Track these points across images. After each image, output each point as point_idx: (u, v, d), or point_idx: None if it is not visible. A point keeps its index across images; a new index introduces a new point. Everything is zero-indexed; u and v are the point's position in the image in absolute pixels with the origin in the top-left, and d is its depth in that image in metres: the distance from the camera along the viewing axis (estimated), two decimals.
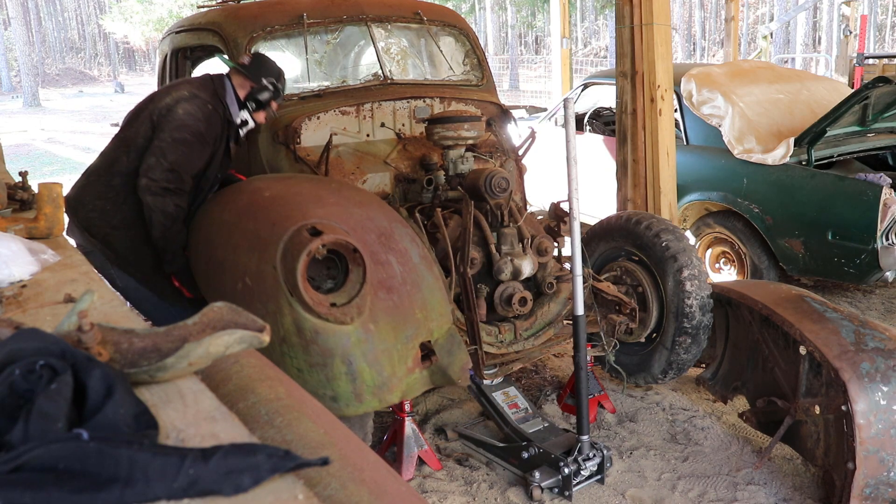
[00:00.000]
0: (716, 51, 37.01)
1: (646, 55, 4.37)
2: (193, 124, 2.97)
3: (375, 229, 2.48)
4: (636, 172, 4.55)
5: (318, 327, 2.27)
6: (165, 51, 4.58)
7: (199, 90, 3.08)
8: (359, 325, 2.30)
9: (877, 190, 4.03)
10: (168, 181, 2.92)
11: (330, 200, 2.57)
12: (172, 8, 23.14)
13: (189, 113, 2.97)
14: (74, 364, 0.85)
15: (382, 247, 2.45)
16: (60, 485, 0.70)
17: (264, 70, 3.18)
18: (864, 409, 2.56)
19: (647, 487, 3.00)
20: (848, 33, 12.65)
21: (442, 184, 3.40)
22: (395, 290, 2.43)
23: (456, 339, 2.55)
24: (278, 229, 2.35)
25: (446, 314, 2.57)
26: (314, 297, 2.26)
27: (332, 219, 2.38)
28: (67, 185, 2.33)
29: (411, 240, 2.55)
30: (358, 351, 2.30)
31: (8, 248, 1.54)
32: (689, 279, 3.30)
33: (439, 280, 2.59)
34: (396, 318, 2.39)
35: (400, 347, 2.39)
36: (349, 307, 2.29)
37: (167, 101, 3.02)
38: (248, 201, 2.70)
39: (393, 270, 2.44)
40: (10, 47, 33.69)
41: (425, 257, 2.57)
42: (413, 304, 2.45)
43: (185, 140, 2.94)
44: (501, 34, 38.94)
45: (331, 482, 1.01)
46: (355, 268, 2.32)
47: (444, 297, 2.57)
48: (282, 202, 2.57)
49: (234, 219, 2.65)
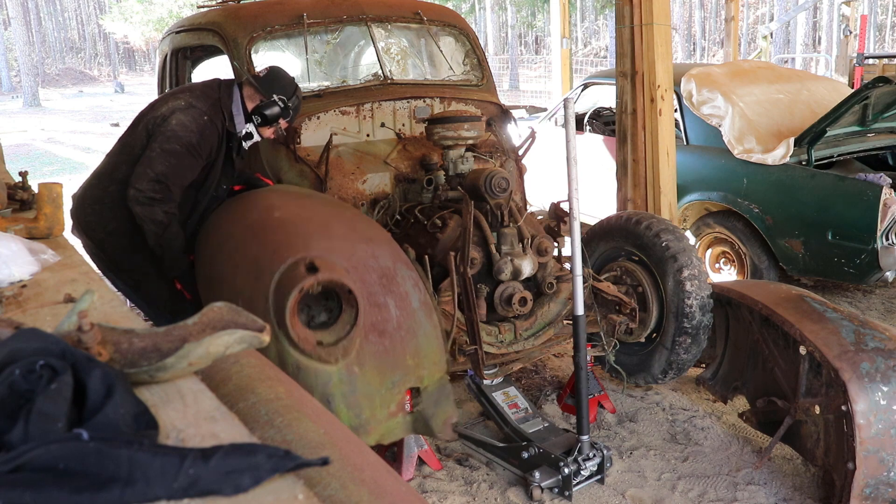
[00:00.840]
0: (716, 51, 37.01)
1: (646, 55, 4.38)
2: (185, 136, 2.92)
3: (378, 269, 2.42)
4: (636, 172, 4.55)
5: (301, 363, 2.23)
6: (165, 51, 4.58)
7: (198, 100, 3.03)
8: (343, 366, 2.25)
9: (877, 190, 4.03)
10: (154, 191, 2.89)
11: (337, 232, 2.51)
12: (172, 8, 23.14)
13: (182, 124, 2.93)
14: (74, 364, 0.85)
15: (382, 288, 2.39)
16: (60, 485, 0.70)
17: (277, 86, 3.11)
18: (864, 409, 2.56)
19: (647, 487, 3.00)
20: (848, 33, 12.66)
21: (442, 184, 3.40)
22: (388, 334, 2.37)
23: (445, 391, 2.49)
24: (277, 258, 2.31)
25: (440, 363, 2.50)
26: (300, 334, 2.22)
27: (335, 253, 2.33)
28: (67, 185, 2.32)
29: (414, 284, 2.49)
30: (338, 391, 2.26)
31: (8, 248, 1.54)
32: (690, 279, 3.30)
33: (437, 328, 2.52)
34: (384, 363, 2.34)
35: (384, 392, 2.34)
36: (335, 348, 2.25)
37: (163, 111, 2.99)
38: (257, 219, 2.66)
39: (389, 314, 2.38)
40: (10, 47, 33.69)
41: (426, 303, 2.50)
42: (405, 351, 2.39)
43: (174, 151, 2.91)
44: (501, 34, 38.94)
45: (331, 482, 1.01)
46: (348, 308, 2.27)
47: (439, 346, 2.51)
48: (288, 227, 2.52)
49: (240, 235, 2.62)
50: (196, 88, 3.14)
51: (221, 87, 3.13)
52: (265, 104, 3.09)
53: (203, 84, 3.19)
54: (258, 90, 3.10)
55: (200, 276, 2.84)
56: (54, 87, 36.04)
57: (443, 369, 2.52)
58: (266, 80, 3.11)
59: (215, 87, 3.13)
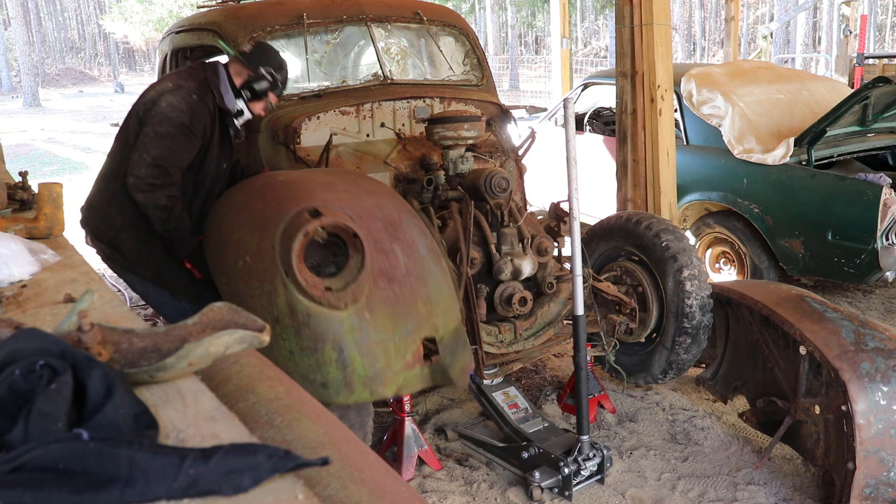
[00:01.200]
0: (716, 51, 37.01)
1: (646, 55, 4.38)
2: (176, 116, 2.88)
3: (383, 217, 2.43)
4: (636, 172, 4.55)
5: (310, 310, 2.23)
6: (165, 51, 4.58)
7: (185, 80, 2.99)
8: (353, 311, 2.25)
9: (877, 190, 4.03)
10: (153, 176, 2.86)
11: (340, 187, 2.54)
12: (172, 8, 23.14)
13: (172, 105, 2.89)
14: (74, 364, 0.85)
15: (388, 236, 2.39)
16: (60, 485, 0.70)
17: (264, 59, 3.08)
18: (864, 409, 2.56)
19: (647, 487, 3.00)
20: (848, 33, 12.66)
21: (442, 184, 3.40)
22: (398, 280, 2.36)
23: (461, 339, 2.49)
24: (282, 209, 2.34)
25: (453, 311, 2.49)
26: (309, 279, 2.23)
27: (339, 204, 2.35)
28: (67, 185, 2.32)
29: (420, 231, 2.49)
30: (350, 338, 2.26)
31: (8, 248, 1.54)
32: (689, 279, 3.30)
33: (447, 275, 2.52)
34: (396, 310, 2.33)
35: (398, 340, 2.33)
36: (344, 293, 2.25)
37: (151, 95, 2.97)
38: (262, 184, 2.70)
39: (397, 261, 2.38)
40: (10, 47, 33.70)
41: (433, 250, 2.50)
42: (416, 298, 2.38)
43: (167, 133, 2.87)
44: (501, 34, 38.94)
45: (331, 482, 1.01)
46: (354, 253, 2.28)
47: (451, 293, 2.50)
48: (292, 185, 2.55)
49: (245, 199, 2.64)
50: (182, 71, 3.12)
51: (207, 67, 3.09)
52: (253, 78, 3.06)
53: (189, 67, 3.18)
54: (245, 65, 3.07)
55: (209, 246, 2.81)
56: (54, 87, 36.04)
57: (456, 318, 2.51)
58: (252, 55, 3.08)
59: (201, 67, 3.10)
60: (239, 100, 3.10)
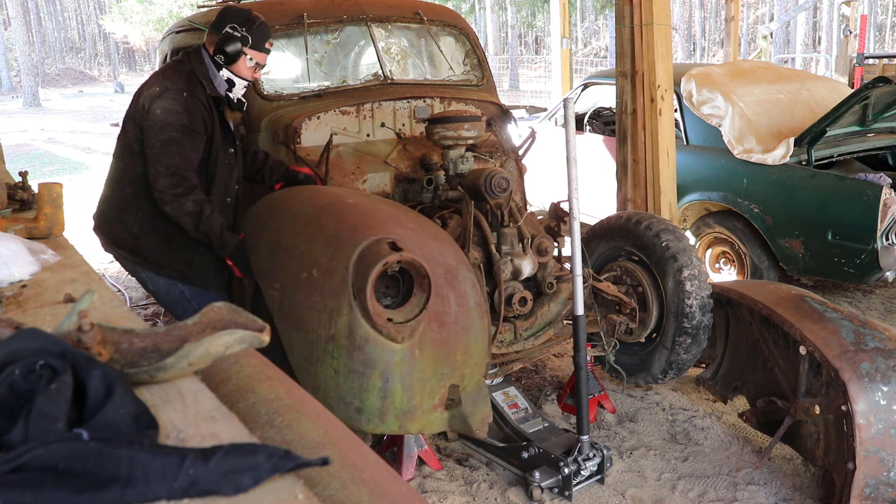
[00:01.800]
0: (716, 51, 37.02)
1: (646, 55, 4.37)
2: (174, 120, 2.85)
3: (444, 264, 2.51)
4: (636, 172, 4.55)
5: (369, 336, 2.29)
6: (165, 51, 4.58)
7: (171, 80, 2.92)
8: (407, 346, 2.33)
9: (877, 190, 4.03)
10: (173, 186, 2.85)
11: (408, 224, 2.60)
12: (172, 8, 23.14)
13: (166, 110, 2.85)
14: (74, 364, 0.85)
15: (446, 282, 2.48)
16: (60, 485, 0.70)
17: (228, 18, 2.97)
18: (864, 409, 2.56)
19: (647, 487, 3.00)
20: (848, 33, 12.66)
21: (442, 184, 3.40)
22: (447, 326, 2.45)
23: (483, 392, 2.57)
24: (359, 234, 2.39)
25: (481, 365, 2.58)
26: (375, 308, 2.29)
27: (409, 241, 2.42)
28: (67, 185, 2.32)
29: (472, 285, 2.57)
30: (398, 371, 2.33)
31: (8, 248, 1.54)
32: (689, 279, 3.30)
33: (486, 332, 2.61)
34: (440, 353, 2.42)
35: (434, 382, 2.42)
36: (404, 326, 2.32)
37: (143, 103, 2.93)
38: (330, 202, 2.72)
39: (449, 307, 2.47)
40: (10, 47, 33.70)
41: (480, 305, 2.59)
42: (457, 346, 2.47)
43: (171, 139, 2.85)
44: (501, 34, 38.94)
45: (331, 482, 1.01)
46: (420, 292, 2.36)
47: (484, 349, 2.59)
48: (364, 211, 2.60)
49: (313, 212, 2.66)
50: (167, 69, 3.04)
51: (192, 56, 3.02)
52: (221, 40, 2.96)
53: (174, 61, 3.10)
54: (213, 31, 2.99)
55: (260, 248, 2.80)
56: (54, 87, 36.04)
57: (482, 371, 2.60)
58: (217, 19, 3.00)
59: (186, 59, 3.04)
60: (222, 71, 3.01)
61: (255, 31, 2.98)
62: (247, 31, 2.96)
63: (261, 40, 3.01)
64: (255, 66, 3.04)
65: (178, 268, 3.09)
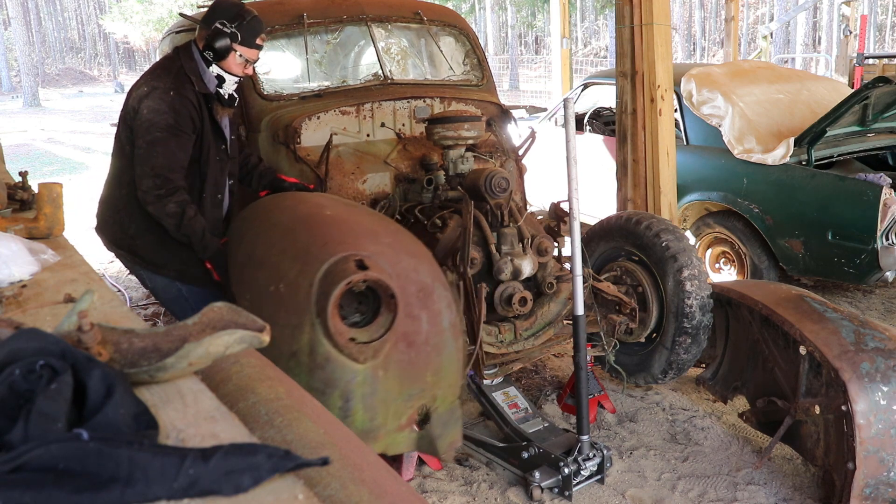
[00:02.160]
0: (716, 51, 37.02)
1: (646, 55, 4.37)
2: (160, 120, 2.80)
3: (418, 282, 2.45)
4: (636, 172, 4.55)
5: (330, 355, 2.25)
6: (166, 51, 4.57)
7: (159, 79, 2.88)
8: (369, 367, 2.29)
9: (877, 190, 4.03)
10: (156, 187, 2.83)
11: (385, 240, 2.54)
12: (172, 8, 23.13)
13: (152, 109, 2.81)
14: (74, 364, 0.85)
15: (419, 301, 2.42)
16: (60, 485, 0.70)
17: (218, 13, 2.88)
18: (864, 409, 2.56)
19: (647, 487, 3.00)
20: (848, 33, 12.66)
21: (442, 184, 3.40)
22: (416, 347, 2.40)
23: (455, 415, 2.53)
24: (328, 249, 2.34)
25: (455, 387, 2.54)
26: (337, 327, 2.25)
27: (382, 258, 2.37)
28: (67, 185, 2.32)
29: (448, 304, 2.52)
30: (359, 391, 2.29)
31: (8, 248, 1.54)
32: (689, 279, 3.30)
33: (461, 352, 2.56)
34: (407, 374, 2.37)
35: (399, 403, 2.38)
36: (367, 347, 2.28)
37: (132, 104, 2.91)
38: (308, 213, 2.67)
39: (420, 328, 2.42)
40: (10, 47, 33.70)
41: (455, 325, 2.54)
42: (428, 367, 2.42)
43: (157, 140, 2.81)
44: (501, 34, 38.95)
45: (331, 482, 1.01)
46: (386, 312, 2.32)
47: (458, 370, 2.54)
48: (340, 224, 2.55)
49: (288, 224, 2.61)
50: (157, 67, 3.01)
51: (181, 52, 2.96)
52: (210, 36, 2.88)
53: (164, 58, 3.06)
54: (202, 26, 2.91)
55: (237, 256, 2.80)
56: (54, 87, 36.04)
57: (456, 393, 2.55)
58: (207, 14, 2.93)
59: (175, 56, 2.97)
60: (211, 66, 2.94)
61: (245, 27, 2.90)
62: (236, 27, 2.88)
63: (251, 36, 2.93)
64: (245, 62, 2.97)
65: (174, 267, 3.10)
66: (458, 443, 2.53)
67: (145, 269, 3.13)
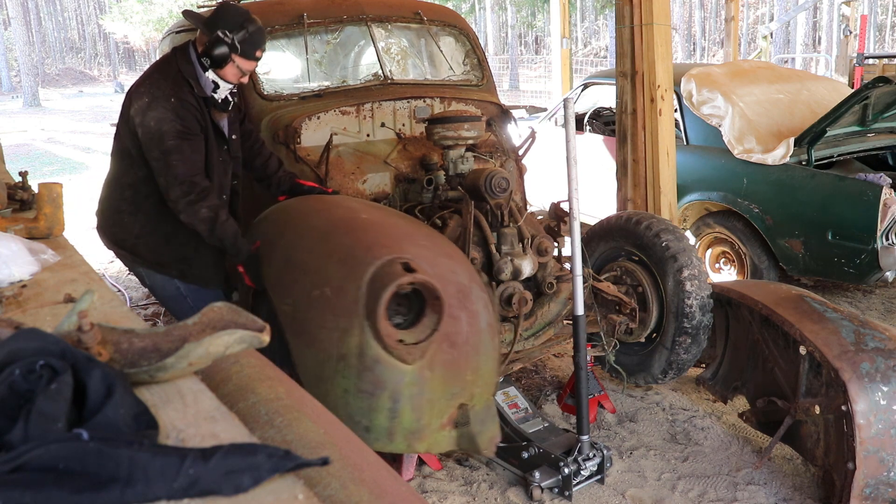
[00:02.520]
0: (716, 51, 37.01)
1: (646, 55, 4.37)
2: (169, 128, 2.79)
3: (456, 283, 2.48)
4: (636, 172, 4.55)
5: (380, 357, 2.27)
6: (165, 51, 4.57)
7: (157, 86, 2.85)
8: (417, 368, 2.31)
9: (877, 190, 4.03)
10: (185, 194, 2.81)
11: (422, 242, 2.57)
12: (172, 8, 23.14)
13: (158, 119, 2.80)
14: (74, 364, 0.85)
15: (458, 302, 2.45)
16: (60, 485, 0.70)
17: (222, 21, 2.83)
18: (864, 409, 2.56)
19: (647, 487, 3.00)
20: (848, 33, 12.66)
21: (442, 184, 3.40)
22: (458, 347, 2.43)
23: (492, 412, 2.56)
24: (373, 253, 2.36)
25: (491, 385, 2.58)
26: (386, 329, 2.27)
27: (422, 261, 2.39)
28: (67, 184, 2.32)
29: (485, 305, 2.56)
30: (407, 392, 2.32)
31: (8, 248, 1.54)
32: (689, 279, 3.30)
33: (497, 351, 2.60)
34: (449, 374, 2.40)
35: (443, 402, 2.41)
36: (415, 348, 2.31)
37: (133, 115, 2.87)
38: (344, 217, 2.68)
39: (461, 328, 2.45)
40: (10, 47, 33.70)
41: (492, 325, 2.57)
42: (468, 366, 2.46)
43: (172, 147, 2.80)
44: (501, 34, 38.95)
45: (331, 482, 1.01)
46: (432, 314, 2.34)
47: (495, 369, 2.58)
48: (378, 228, 2.57)
49: (326, 228, 2.62)
50: (155, 71, 2.94)
51: (178, 54, 2.92)
52: (209, 43, 2.84)
53: (160, 62, 3.03)
54: (203, 30, 2.86)
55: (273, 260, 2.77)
56: (54, 87, 36.04)
57: (492, 391, 2.58)
58: (209, 18, 2.87)
59: (172, 58, 2.93)
60: (208, 72, 2.90)
61: (247, 41, 2.86)
62: (237, 39, 2.84)
63: (251, 49, 2.89)
64: (241, 73, 2.94)
65: (177, 267, 3.10)
66: (497, 438, 2.55)
67: (146, 267, 3.14)
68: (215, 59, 2.86)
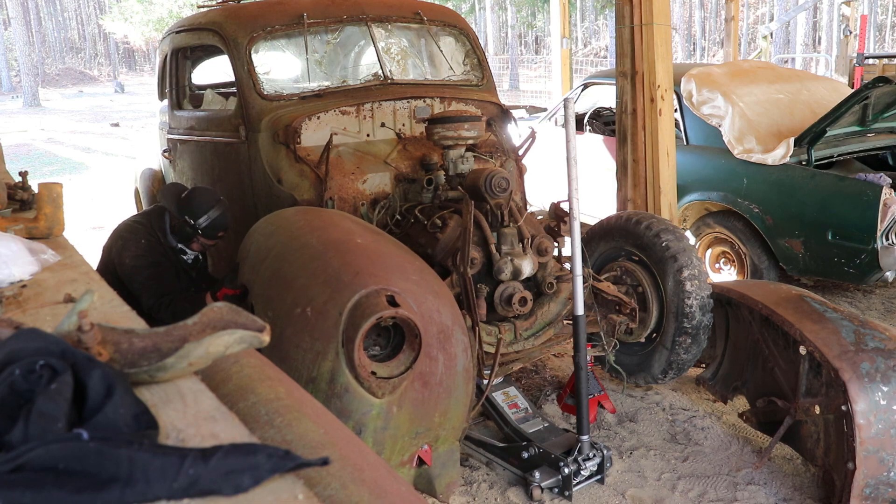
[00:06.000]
0: (716, 51, 37.01)
1: (646, 55, 4.37)
2: (142, 263, 3.40)
3: (439, 324, 2.47)
4: (636, 172, 4.55)
5: (350, 386, 2.26)
6: (166, 51, 4.58)
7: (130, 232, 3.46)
8: (385, 402, 2.30)
9: (877, 190, 4.03)
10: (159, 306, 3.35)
11: (412, 276, 2.55)
12: (172, 8, 23.15)
13: (133, 256, 3.40)
14: (74, 364, 0.85)
15: (438, 343, 2.45)
16: (60, 485, 0.70)
17: (189, 207, 3.40)
18: (864, 409, 2.56)
19: (647, 487, 3.00)
20: (848, 33, 12.66)
21: (442, 184, 3.40)
22: (430, 388, 2.42)
23: (454, 457, 2.57)
24: (360, 280, 2.34)
25: (458, 430, 2.58)
26: (361, 359, 2.25)
27: (409, 295, 2.38)
28: (67, 185, 2.32)
29: (464, 349, 2.55)
30: (372, 425, 2.31)
31: (8, 248, 1.54)
32: (689, 279, 3.30)
33: (468, 397, 2.60)
34: (418, 413, 2.40)
35: (406, 440, 2.40)
36: (387, 382, 2.29)
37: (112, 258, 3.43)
38: (339, 238, 2.66)
39: (436, 369, 2.44)
40: (10, 47, 33.69)
41: (468, 370, 2.56)
42: (437, 408, 2.45)
43: (149, 276, 3.38)
44: (501, 34, 38.94)
45: (331, 482, 1.01)
46: (409, 351, 2.33)
47: (463, 414, 2.58)
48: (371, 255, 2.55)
49: (319, 247, 2.59)
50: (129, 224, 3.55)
51: (153, 214, 3.56)
52: (178, 225, 3.48)
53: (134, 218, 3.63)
54: (175, 211, 3.45)
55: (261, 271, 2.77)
56: (54, 87, 36.03)
57: (457, 436, 2.59)
58: (183, 201, 3.43)
59: (147, 215, 3.58)
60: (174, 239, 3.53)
61: (209, 227, 3.43)
62: (201, 226, 3.42)
63: (213, 232, 3.46)
64: (205, 246, 3.59)
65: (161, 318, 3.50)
66: (456, 484, 2.58)
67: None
68: (181, 236, 3.51)
